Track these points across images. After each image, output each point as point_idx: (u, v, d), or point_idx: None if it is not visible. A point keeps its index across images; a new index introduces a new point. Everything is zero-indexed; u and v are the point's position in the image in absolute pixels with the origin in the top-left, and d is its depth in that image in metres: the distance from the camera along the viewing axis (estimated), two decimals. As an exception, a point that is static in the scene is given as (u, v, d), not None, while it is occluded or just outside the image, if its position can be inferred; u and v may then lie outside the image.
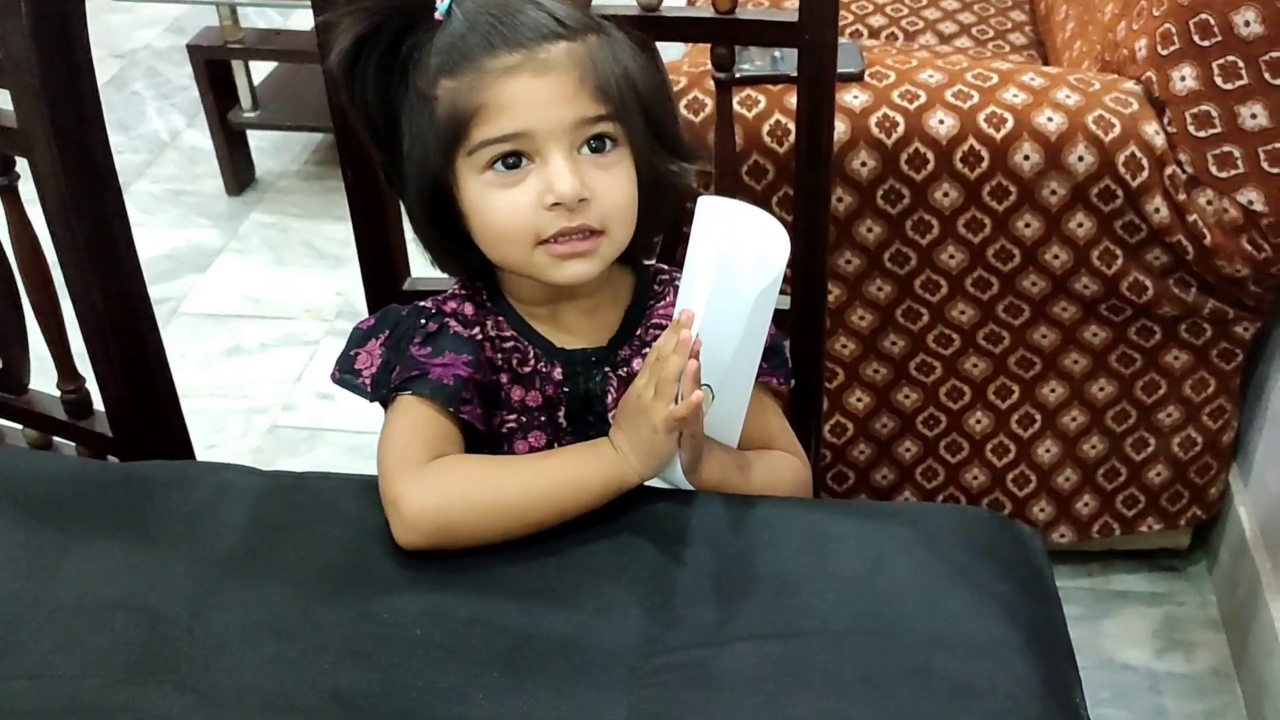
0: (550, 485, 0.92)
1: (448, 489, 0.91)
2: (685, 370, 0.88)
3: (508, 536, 0.91)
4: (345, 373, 1.00)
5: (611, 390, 1.02)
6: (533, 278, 0.98)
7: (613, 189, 0.94)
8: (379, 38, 0.94)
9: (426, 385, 0.96)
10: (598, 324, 1.03)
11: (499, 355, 1.01)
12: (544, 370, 1.02)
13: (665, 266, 1.09)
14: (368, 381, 0.99)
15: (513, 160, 0.93)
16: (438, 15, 0.93)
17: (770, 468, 1.04)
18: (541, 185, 0.92)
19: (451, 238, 0.99)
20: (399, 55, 0.94)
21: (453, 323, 1.00)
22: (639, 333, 1.04)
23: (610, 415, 1.01)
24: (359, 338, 1.01)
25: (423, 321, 0.99)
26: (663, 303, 1.05)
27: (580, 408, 1.02)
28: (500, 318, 1.02)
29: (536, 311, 1.03)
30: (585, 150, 0.93)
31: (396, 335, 1.00)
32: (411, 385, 0.96)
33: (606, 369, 1.02)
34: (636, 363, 1.03)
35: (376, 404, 1.01)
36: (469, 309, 1.02)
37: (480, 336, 1.01)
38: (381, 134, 0.98)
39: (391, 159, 0.99)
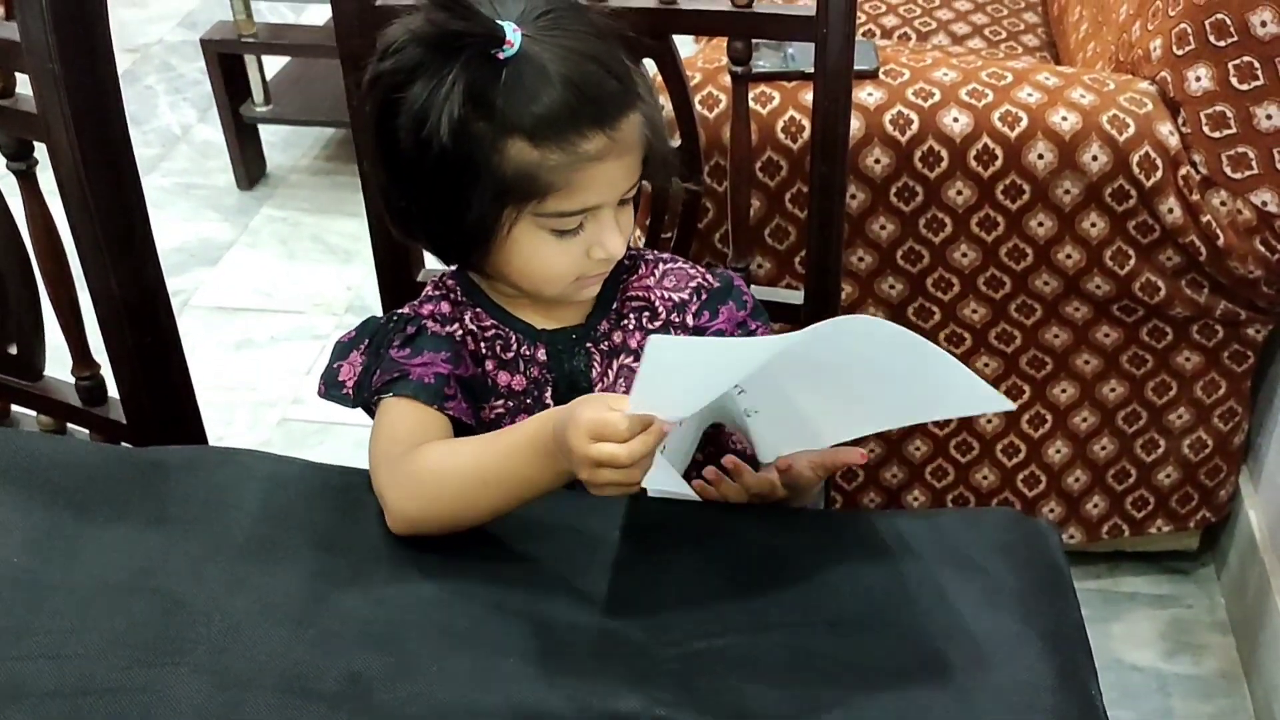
0: (503, 483, 0.90)
1: (417, 482, 0.92)
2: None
3: (477, 522, 0.92)
4: (330, 387, 1.03)
5: (596, 365, 1.04)
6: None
7: (630, 224, 1.00)
8: (435, 67, 0.92)
9: (409, 386, 0.98)
10: (575, 303, 1.05)
11: (482, 345, 1.03)
12: (527, 353, 1.03)
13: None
14: (350, 391, 1.02)
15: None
16: (502, 55, 0.91)
17: None
18: (591, 239, 0.97)
19: (466, 250, 1.00)
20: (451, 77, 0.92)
21: (430, 323, 1.02)
22: (615, 307, 1.06)
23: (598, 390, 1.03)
24: (340, 350, 1.03)
25: (401, 326, 1.02)
26: (635, 276, 1.07)
27: (567, 387, 1.04)
28: (478, 309, 1.04)
29: (514, 299, 1.04)
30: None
31: (375, 343, 1.02)
32: (394, 387, 0.98)
33: (588, 345, 1.05)
34: (616, 336, 1.05)
35: (360, 410, 1.03)
36: (445, 307, 1.04)
37: (460, 331, 1.03)
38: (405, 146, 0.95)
39: (395, 157, 0.96)
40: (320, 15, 2.87)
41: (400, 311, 1.04)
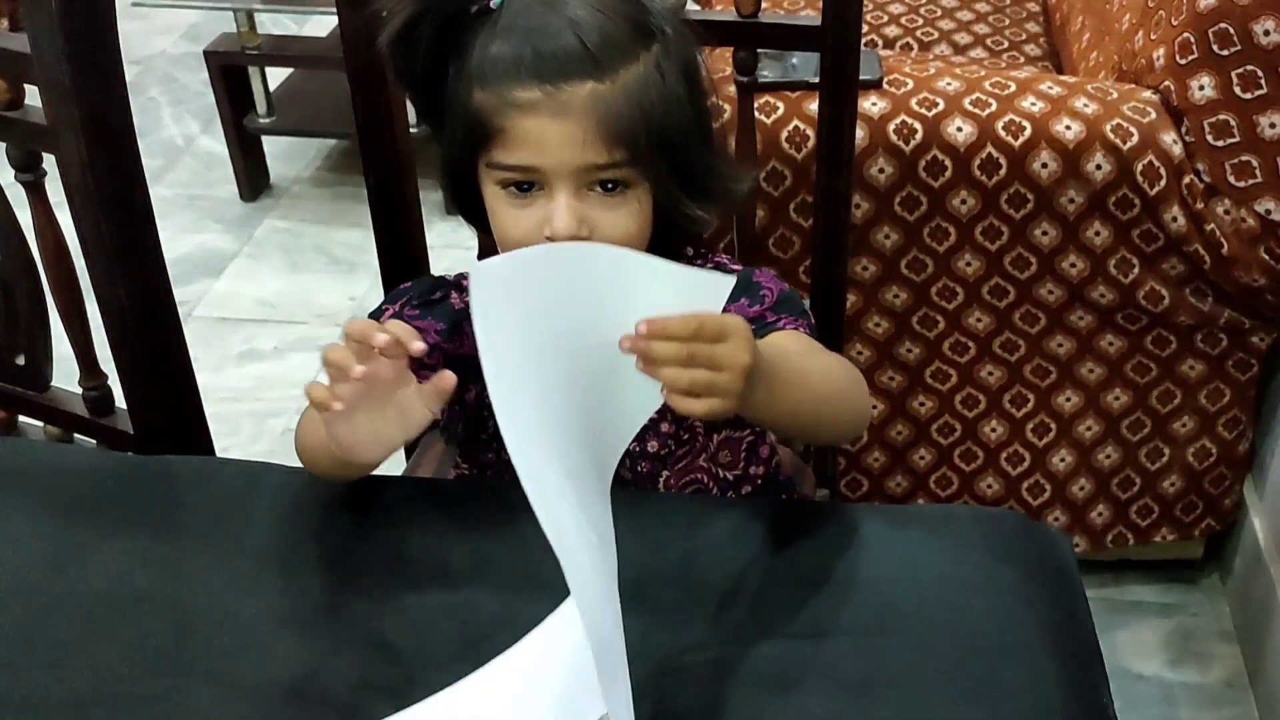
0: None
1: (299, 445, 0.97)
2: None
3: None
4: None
5: None
6: None
7: (615, 227, 0.95)
8: (433, 18, 0.94)
9: None
10: None
11: None
12: None
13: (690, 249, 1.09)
14: None
15: (524, 185, 0.94)
16: (492, 4, 0.93)
17: (823, 359, 0.99)
18: (544, 214, 0.94)
19: (471, 206, 1.01)
20: (454, 29, 0.95)
21: (455, 294, 1.03)
22: None
23: None
24: (392, 297, 1.06)
25: (430, 288, 1.04)
26: None
27: None
28: None
29: None
30: (596, 188, 0.94)
31: (412, 297, 1.04)
32: None
33: None
34: None
35: None
36: None
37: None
38: (426, 98, 0.99)
39: (434, 121, 1.00)
40: (323, 27, 2.87)
41: (443, 275, 1.06)
